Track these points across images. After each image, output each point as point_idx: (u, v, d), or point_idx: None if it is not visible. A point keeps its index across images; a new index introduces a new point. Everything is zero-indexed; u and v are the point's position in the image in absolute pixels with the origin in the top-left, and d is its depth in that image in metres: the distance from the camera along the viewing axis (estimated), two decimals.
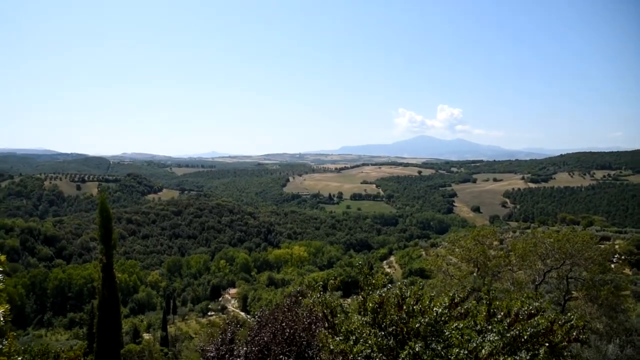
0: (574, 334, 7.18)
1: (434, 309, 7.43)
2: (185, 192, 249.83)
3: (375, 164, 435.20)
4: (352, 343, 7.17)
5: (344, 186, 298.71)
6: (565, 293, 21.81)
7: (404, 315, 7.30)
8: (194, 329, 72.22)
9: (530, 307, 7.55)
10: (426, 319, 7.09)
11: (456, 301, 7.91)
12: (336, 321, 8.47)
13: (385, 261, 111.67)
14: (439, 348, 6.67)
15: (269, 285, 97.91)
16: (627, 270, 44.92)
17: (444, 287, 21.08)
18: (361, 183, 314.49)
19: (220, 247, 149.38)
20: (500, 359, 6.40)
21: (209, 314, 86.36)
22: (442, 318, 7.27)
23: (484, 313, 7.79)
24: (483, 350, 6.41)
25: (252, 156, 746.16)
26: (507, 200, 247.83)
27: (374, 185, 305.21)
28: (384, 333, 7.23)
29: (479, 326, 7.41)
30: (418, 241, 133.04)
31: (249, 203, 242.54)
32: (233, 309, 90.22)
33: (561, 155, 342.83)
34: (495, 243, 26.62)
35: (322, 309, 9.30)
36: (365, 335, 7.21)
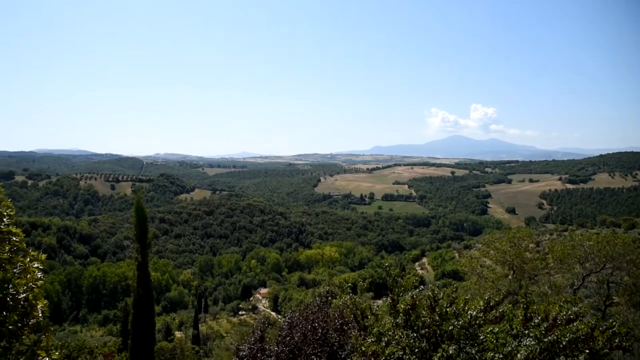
0: (616, 341, 6.91)
1: (468, 311, 7.31)
2: (217, 192, 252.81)
3: (407, 165, 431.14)
4: (384, 345, 7.12)
5: (376, 187, 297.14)
6: (605, 298, 21.04)
7: (437, 318, 7.20)
8: (225, 328, 73.02)
9: (569, 312, 7.31)
10: (460, 322, 6.98)
11: (491, 304, 7.76)
12: (366, 323, 8.43)
13: (417, 263, 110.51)
14: (473, 352, 6.55)
15: (299, 286, 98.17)
16: None
17: (478, 290, 20.71)
18: (393, 183, 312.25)
19: (251, 247, 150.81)
20: None
21: (240, 313, 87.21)
22: (477, 321, 7.14)
23: (521, 317, 7.61)
24: (519, 355, 6.27)
25: (284, 156, 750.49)
26: (544, 201, 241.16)
27: (406, 185, 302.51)
28: (416, 335, 7.14)
29: (515, 330, 7.24)
30: (451, 243, 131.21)
31: (280, 203, 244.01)
32: (264, 308, 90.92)
33: (601, 155, 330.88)
34: (532, 245, 25.99)
35: (352, 310, 9.27)
36: (397, 337, 7.14)
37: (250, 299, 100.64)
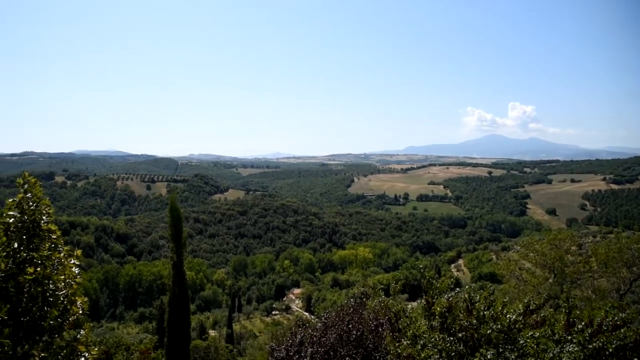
0: None
1: (506, 315, 7.10)
2: (251, 193, 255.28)
3: (442, 165, 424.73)
4: (420, 347, 6.98)
5: (410, 187, 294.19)
6: None
7: (474, 321, 7.00)
8: (259, 327, 73.68)
9: (616, 318, 6.97)
10: (498, 326, 6.77)
11: (531, 308, 7.50)
12: (400, 325, 8.30)
13: (453, 264, 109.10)
14: (513, 357, 6.35)
15: (333, 286, 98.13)
16: None
17: (517, 293, 20.15)
18: (428, 184, 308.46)
19: (284, 247, 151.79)
20: None
21: (273, 313, 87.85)
22: (516, 325, 6.93)
23: (563, 322, 7.32)
24: None
25: (317, 156, 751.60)
26: (587, 202, 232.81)
27: (442, 186, 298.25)
28: (453, 338, 6.97)
29: (557, 336, 6.98)
30: (488, 244, 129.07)
31: (314, 203, 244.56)
32: (297, 309, 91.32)
33: None
34: (574, 248, 25.01)
35: (386, 312, 9.15)
36: (433, 340, 6.98)
37: (284, 299, 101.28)
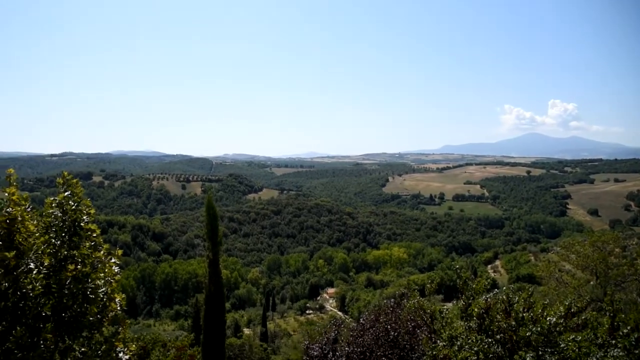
0: None
1: (546, 317, 6.92)
2: (285, 192, 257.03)
3: (479, 164, 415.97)
4: (457, 349, 6.85)
5: (446, 186, 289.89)
6: None
7: (513, 323, 6.83)
8: (293, 326, 74.11)
9: None
10: (538, 328, 6.58)
11: (573, 311, 7.28)
12: (436, 326, 8.18)
13: (489, 265, 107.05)
14: None
15: (367, 286, 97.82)
16: None
17: (557, 296, 19.54)
18: (464, 183, 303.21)
19: (318, 247, 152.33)
20: None
21: (307, 312, 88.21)
22: (557, 328, 6.75)
23: (607, 326, 7.06)
24: None
25: (351, 156, 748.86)
26: (632, 203, 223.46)
27: (478, 185, 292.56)
28: (491, 340, 6.81)
29: (600, 340, 6.74)
30: (526, 245, 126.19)
31: (348, 203, 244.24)
32: (331, 308, 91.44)
33: None
34: (617, 250, 24.10)
35: (421, 313, 9.03)
36: (470, 341, 6.83)
37: (318, 298, 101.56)
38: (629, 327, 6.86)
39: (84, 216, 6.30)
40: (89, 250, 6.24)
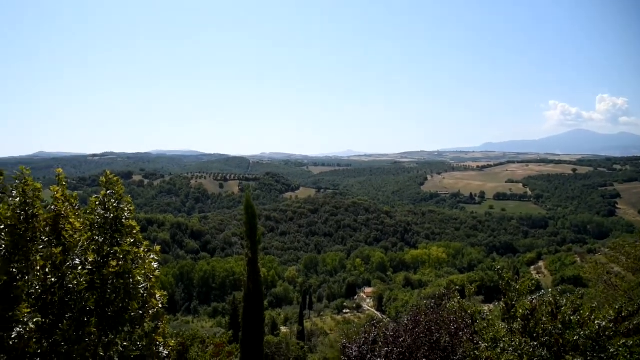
0: None
1: (595, 321, 6.60)
2: (322, 191, 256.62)
3: (522, 162, 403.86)
4: (499, 351, 6.64)
5: (487, 185, 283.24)
6: None
7: (560, 326, 6.55)
8: (329, 325, 74.08)
9: None
10: (586, 332, 6.29)
11: (623, 315, 6.91)
12: (476, 327, 7.96)
13: (532, 266, 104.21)
14: None
15: (405, 286, 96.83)
16: None
17: (606, 299, 18.69)
18: (506, 182, 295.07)
19: (356, 246, 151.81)
20: None
21: (344, 311, 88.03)
22: (606, 332, 6.43)
23: None
24: None
25: (389, 154, 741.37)
26: None
27: (521, 184, 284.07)
28: (536, 343, 6.55)
29: None
30: (572, 246, 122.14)
31: (385, 202, 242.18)
32: (368, 308, 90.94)
33: None
34: None
35: (462, 314, 8.83)
36: (514, 344, 6.60)
37: (355, 297, 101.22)
38: None
39: (125, 213, 6.46)
40: (130, 247, 6.40)
